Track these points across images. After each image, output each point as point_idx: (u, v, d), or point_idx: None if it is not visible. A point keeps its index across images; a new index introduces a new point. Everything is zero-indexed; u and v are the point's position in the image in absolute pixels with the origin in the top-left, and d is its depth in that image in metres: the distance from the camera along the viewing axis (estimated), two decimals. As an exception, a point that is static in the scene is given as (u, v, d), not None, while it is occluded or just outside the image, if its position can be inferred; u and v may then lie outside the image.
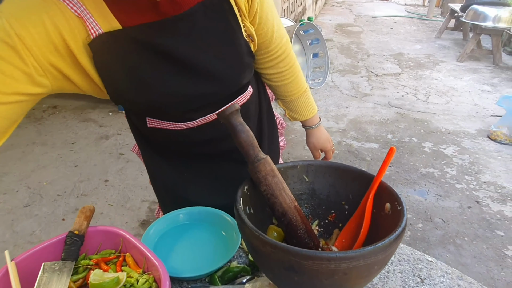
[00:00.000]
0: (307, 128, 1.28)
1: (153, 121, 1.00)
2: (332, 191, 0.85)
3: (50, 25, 0.73)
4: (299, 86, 1.17)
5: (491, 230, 2.35)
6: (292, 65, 1.12)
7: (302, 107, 1.21)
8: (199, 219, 1.02)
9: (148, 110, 0.97)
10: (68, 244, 0.84)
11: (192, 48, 0.86)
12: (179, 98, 0.91)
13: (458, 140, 3.45)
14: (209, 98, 0.96)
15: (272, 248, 0.60)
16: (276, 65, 1.10)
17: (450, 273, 0.93)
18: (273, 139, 1.25)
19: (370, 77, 5.13)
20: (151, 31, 0.81)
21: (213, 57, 0.89)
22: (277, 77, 1.13)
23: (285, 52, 1.09)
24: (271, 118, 1.24)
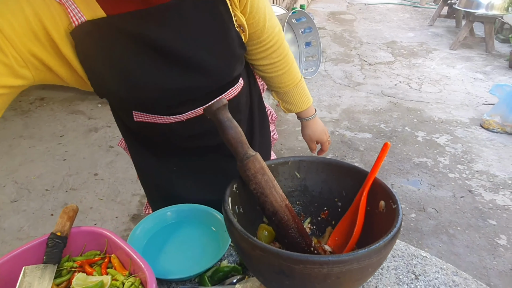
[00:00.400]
0: (302, 119, 1.24)
1: (139, 115, 0.96)
2: (324, 187, 0.83)
3: (30, 12, 0.68)
4: (293, 76, 1.13)
5: (484, 219, 2.35)
6: (286, 55, 1.08)
7: (296, 98, 1.17)
8: (188, 216, 0.99)
9: (134, 104, 0.93)
10: (50, 246, 0.80)
11: (180, 39, 0.81)
12: (167, 92, 0.87)
13: (451, 129, 3.45)
14: (199, 92, 0.91)
15: (262, 251, 0.58)
16: (269, 56, 1.06)
17: (445, 269, 0.91)
18: (264, 131, 1.22)
19: (363, 66, 5.09)
20: (136, 20, 0.76)
21: (203, 49, 0.84)
22: (270, 68, 1.08)
23: (277, 42, 1.05)
24: (262, 110, 1.20)
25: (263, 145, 1.21)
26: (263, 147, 1.21)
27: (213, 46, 0.85)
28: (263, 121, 1.21)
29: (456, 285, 0.86)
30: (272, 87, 1.16)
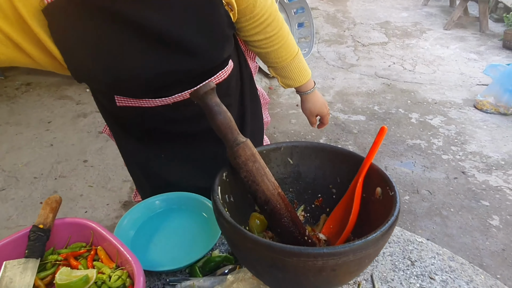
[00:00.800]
0: (302, 94, 1.18)
1: (122, 100, 0.91)
2: (318, 174, 0.79)
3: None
4: (290, 50, 1.06)
5: (476, 200, 2.36)
6: (281, 28, 1.02)
7: (295, 72, 1.11)
8: (178, 205, 0.96)
9: (115, 88, 0.88)
10: (32, 240, 0.76)
11: (164, 17, 0.76)
12: (149, 75, 0.81)
13: (444, 110, 3.43)
14: (186, 75, 0.86)
15: (253, 244, 0.54)
16: (263, 30, 0.99)
17: (441, 254, 0.89)
18: (256, 115, 1.17)
19: (356, 47, 5.02)
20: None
21: (189, 30, 0.79)
22: (265, 43, 1.02)
23: (271, 14, 0.98)
24: (254, 93, 1.15)
25: (255, 130, 1.17)
26: (255, 131, 1.17)
27: (200, 25, 0.80)
28: (255, 105, 1.17)
29: (453, 271, 0.85)
30: (269, 63, 1.10)
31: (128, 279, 0.73)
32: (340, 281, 0.60)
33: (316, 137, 3.08)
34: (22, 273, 0.72)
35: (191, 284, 0.76)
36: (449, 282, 0.82)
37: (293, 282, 0.57)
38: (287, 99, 3.70)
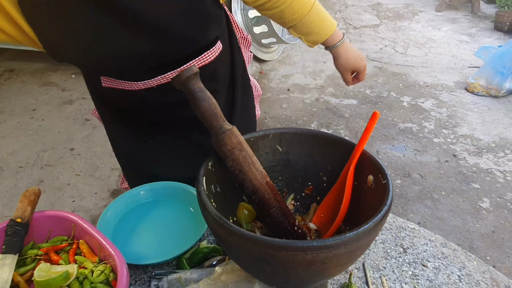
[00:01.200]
0: (331, 49, 1.08)
1: (108, 80, 0.86)
2: (308, 161, 0.76)
3: None
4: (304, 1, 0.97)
5: (467, 183, 2.37)
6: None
7: (316, 24, 1.00)
8: (164, 195, 0.92)
9: (94, 69, 0.83)
10: (9, 234, 0.73)
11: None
12: (130, 58, 0.77)
13: (436, 93, 3.42)
14: (168, 57, 0.82)
15: (239, 238, 0.51)
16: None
17: (434, 241, 0.88)
18: (247, 104, 1.13)
19: (348, 30, 4.95)
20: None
21: (168, 10, 0.74)
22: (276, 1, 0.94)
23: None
24: (245, 82, 1.11)
25: (246, 119, 1.12)
26: (246, 121, 1.12)
27: (180, 6, 0.75)
28: (247, 94, 1.12)
29: (445, 257, 0.83)
30: (287, 23, 1.00)
31: (112, 274, 0.70)
32: (331, 273, 0.58)
33: (307, 121, 3.05)
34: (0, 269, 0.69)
35: (178, 277, 0.73)
36: (442, 269, 0.80)
37: (282, 276, 0.55)
38: (278, 84, 3.65)
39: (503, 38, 4.57)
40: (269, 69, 3.94)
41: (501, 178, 2.40)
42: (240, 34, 1.09)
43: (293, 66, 4.00)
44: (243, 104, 1.09)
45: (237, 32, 1.06)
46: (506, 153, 2.62)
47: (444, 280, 0.78)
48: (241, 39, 1.10)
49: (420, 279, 0.78)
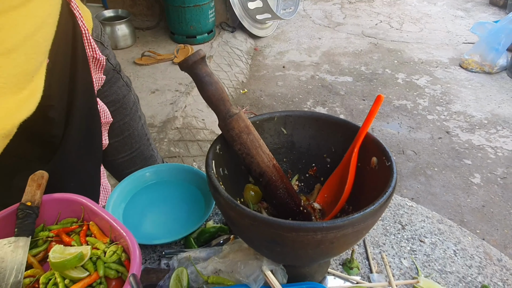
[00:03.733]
0: None
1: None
2: (312, 143, 0.78)
3: None
4: None
5: (460, 159, 2.42)
6: None
7: None
8: (169, 177, 0.94)
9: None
10: (20, 218, 0.74)
11: None
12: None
13: (430, 70, 3.43)
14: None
15: (252, 220, 0.54)
16: None
17: (431, 217, 0.92)
18: (91, 134, 0.94)
19: (343, 5, 4.88)
20: None
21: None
22: None
23: None
24: (91, 108, 0.92)
25: (86, 147, 0.92)
26: (86, 148, 0.92)
27: None
28: (91, 120, 0.93)
29: (441, 233, 0.87)
30: None
31: (124, 254, 0.73)
32: (337, 252, 0.60)
33: (303, 99, 3.06)
34: (14, 252, 0.71)
35: (187, 256, 0.76)
36: (438, 244, 0.84)
37: (291, 255, 0.58)
38: (273, 61, 3.62)
39: (498, 13, 4.55)
40: (264, 46, 3.89)
41: (492, 154, 2.45)
42: (93, 54, 0.90)
43: (288, 43, 3.96)
44: (84, 130, 0.91)
45: (88, 50, 0.89)
46: (497, 130, 2.67)
47: (440, 254, 0.82)
48: (91, 59, 0.91)
49: (418, 254, 0.82)
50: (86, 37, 0.85)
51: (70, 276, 0.68)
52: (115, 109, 1.04)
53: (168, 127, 2.49)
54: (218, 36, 3.74)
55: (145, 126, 1.18)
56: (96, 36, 0.94)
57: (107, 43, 0.99)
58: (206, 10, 3.45)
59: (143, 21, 4.02)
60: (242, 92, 3.15)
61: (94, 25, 0.93)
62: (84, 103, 0.89)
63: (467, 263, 0.80)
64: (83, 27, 0.83)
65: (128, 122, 1.10)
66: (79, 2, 0.85)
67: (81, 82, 0.87)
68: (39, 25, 0.62)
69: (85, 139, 0.92)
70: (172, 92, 2.87)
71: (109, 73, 0.99)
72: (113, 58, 1.02)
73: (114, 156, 1.12)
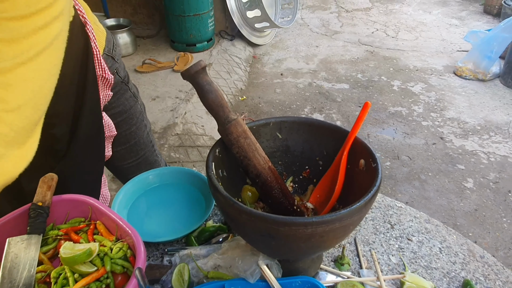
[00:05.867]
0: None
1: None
2: (306, 147, 0.84)
3: None
4: None
5: (453, 164, 2.48)
6: None
7: None
8: (171, 179, 0.99)
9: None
10: (32, 217, 0.79)
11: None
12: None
13: (425, 77, 3.50)
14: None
15: (248, 216, 0.59)
16: None
17: (418, 217, 0.97)
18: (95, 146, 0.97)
19: (340, 13, 4.97)
20: None
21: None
22: None
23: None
24: (96, 122, 0.95)
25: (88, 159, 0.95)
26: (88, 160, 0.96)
27: None
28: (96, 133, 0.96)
29: (428, 232, 0.93)
30: None
31: (129, 250, 0.78)
32: (327, 246, 0.66)
33: (300, 106, 3.12)
34: (26, 249, 0.75)
35: (189, 252, 0.81)
36: (425, 242, 0.89)
37: (285, 248, 0.63)
38: (271, 68, 3.69)
39: (492, 21, 4.64)
40: (262, 54, 3.97)
41: (485, 160, 2.51)
42: (102, 73, 0.93)
43: (286, 51, 4.04)
44: (88, 144, 0.94)
45: (98, 70, 0.92)
46: (490, 135, 2.73)
47: (426, 252, 0.87)
48: (100, 78, 0.94)
49: (406, 251, 0.87)
50: (97, 58, 0.89)
51: (79, 271, 0.73)
52: (122, 119, 1.09)
53: (168, 133, 2.54)
54: (217, 44, 3.81)
55: (150, 133, 1.23)
56: (108, 50, 0.98)
57: (118, 56, 1.03)
58: (205, 19, 3.53)
59: (144, 29, 4.10)
60: (241, 99, 3.21)
61: (107, 40, 0.98)
62: (90, 119, 0.91)
63: (452, 260, 0.85)
64: (95, 49, 0.87)
65: (134, 131, 1.15)
66: (94, 22, 0.90)
67: (88, 100, 0.89)
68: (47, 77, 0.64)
69: (89, 152, 0.95)
70: (172, 99, 2.94)
71: (118, 85, 1.04)
72: (122, 70, 1.06)
73: (120, 162, 1.18)
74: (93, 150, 0.97)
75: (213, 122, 2.73)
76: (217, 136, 2.62)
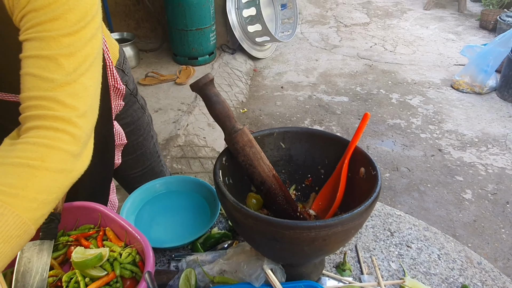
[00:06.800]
0: None
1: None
2: (308, 156, 0.87)
3: None
4: None
5: (452, 176, 2.51)
6: None
7: None
8: (177, 187, 1.02)
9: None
10: (45, 223, 0.82)
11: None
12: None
13: (423, 91, 3.56)
14: None
15: (254, 220, 0.62)
16: None
17: (417, 225, 1.00)
18: (104, 152, 1.00)
19: (339, 28, 5.07)
20: None
21: None
22: None
23: None
24: (107, 129, 0.99)
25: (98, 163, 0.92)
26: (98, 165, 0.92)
27: None
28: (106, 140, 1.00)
29: (427, 239, 0.95)
30: None
31: (138, 256, 0.80)
32: (330, 250, 0.69)
33: (300, 118, 3.17)
34: (39, 254, 0.78)
35: (195, 258, 0.83)
36: (424, 249, 0.92)
37: (289, 252, 0.66)
38: (271, 81, 3.75)
39: (487, 36, 4.73)
40: (263, 67, 4.03)
41: (483, 171, 2.55)
42: (114, 83, 0.98)
43: (286, 64, 4.11)
44: (99, 151, 0.91)
45: (111, 80, 0.97)
46: (488, 147, 2.77)
47: (425, 258, 0.90)
48: (112, 88, 0.99)
49: (405, 258, 0.90)
50: (110, 68, 0.94)
51: (90, 275, 0.75)
52: (130, 130, 1.13)
53: (170, 145, 2.58)
54: (218, 57, 3.88)
55: (157, 144, 1.27)
56: (119, 64, 1.03)
57: (128, 70, 1.09)
58: (207, 33, 3.60)
59: (147, 43, 4.18)
60: (242, 111, 3.26)
61: (119, 54, 1.03)
62: (102, 127, 0.93)
63: (450, 266, 0.88)
64: (108, 60, 0.92)
65: (141, 142, 1.18)
66: (108, 35, 0.96)
67: (101, 109, 0.88)
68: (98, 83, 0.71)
69: (99, 159, 0.94)
70: (175, 111, 2.98)
71: (127, 97, 1.08)
72: (132, 83, 1.11)
73: (127, 171, 1.21)
74: (104, 157, 1.00)
75: (215, 134, 2.77)
76: (218, 147, 2.66)
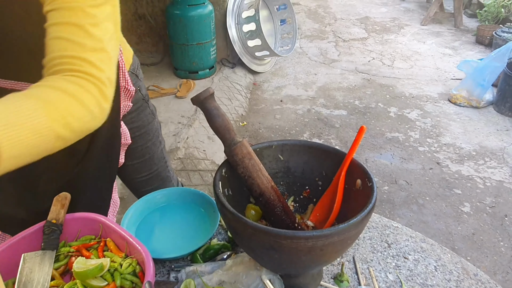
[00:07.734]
0: None
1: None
2: (306, 168, 0.89)
3: None
4: None
5: (450, 189, 2.52)
6: None
7: None
8: (177, 199, 1.04)
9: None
10: (46, 233, 0.83)
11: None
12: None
13: (421, 104, 3.60)
14: None
15: (253, 230, 0.64)
16: None
17: (414, 237, 1.01)
18: (109, 150, 1.02)
19: (337, 43, 5.15)
20: None
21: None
22: None
23: None
24: (113, 129, 1.01)
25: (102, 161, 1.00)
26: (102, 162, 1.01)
27: None
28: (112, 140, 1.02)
29: (424, 251, 0.97)
30: None
31: (138, 266, 0.81)
32: (327, 259, 0.70)
33: (300, 131, 3.19)
34: (41, 264, 0.79)
35: (194, 269, 0.84)
36: (421, 261, 0.93)
37: (287, 261, 0.67)
38: (271, 95, 3.80)
39: (484, 51, 4.81)
40: (262, 81, 4.09)
41: (481, 184, 2.56)
42: (124, 84, 1.01)
43: (285, 78, 4.16)
44: (105, 149, 1.00)
45: (122, 81, 1.00)
46: (485, 161, 2.79)
47: (422, 270, 0.91)
48: (122, 89, 1.02)
49: (402, 269, 0.91)
50: (122, 70, 0.98)
51: (91, 285, 0.76)
52: (139, 134, 1.17)
53: (171, 157, 2.60)
54: (219, 71, 3.94)
55: (164, 150, 1.31)
56: (133, 69, 1.10)
57: (141, 76, 1.15)
58: (208, 48, 3.66)
59: (148, 57, 4.24)
60: (241, 124, 3.29)
61: (133, 59, 1.10)
62: (109, 125, 0.95)
63: (446, 277, 0.89)
64: (121, 61, 0.97)
65: (149, 147, 1.22)
66: (124, 41, 1.01)
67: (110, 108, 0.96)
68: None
69: (105, 156, 1.02)
70: (175, 124, 3.01)
71: (139, 102, 1.13)
72: (144, 89, 1.16)
73: (134, 175, 1.24)
74: (108, 155, 1.03)
75: (215, 146, 2.79)
76: (218, 160, 2.68)
